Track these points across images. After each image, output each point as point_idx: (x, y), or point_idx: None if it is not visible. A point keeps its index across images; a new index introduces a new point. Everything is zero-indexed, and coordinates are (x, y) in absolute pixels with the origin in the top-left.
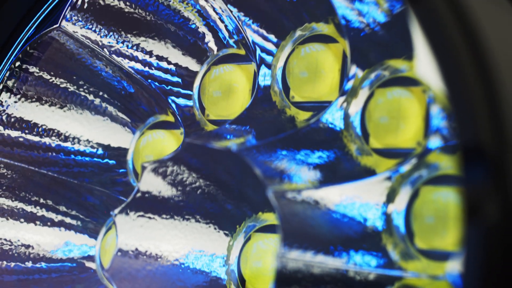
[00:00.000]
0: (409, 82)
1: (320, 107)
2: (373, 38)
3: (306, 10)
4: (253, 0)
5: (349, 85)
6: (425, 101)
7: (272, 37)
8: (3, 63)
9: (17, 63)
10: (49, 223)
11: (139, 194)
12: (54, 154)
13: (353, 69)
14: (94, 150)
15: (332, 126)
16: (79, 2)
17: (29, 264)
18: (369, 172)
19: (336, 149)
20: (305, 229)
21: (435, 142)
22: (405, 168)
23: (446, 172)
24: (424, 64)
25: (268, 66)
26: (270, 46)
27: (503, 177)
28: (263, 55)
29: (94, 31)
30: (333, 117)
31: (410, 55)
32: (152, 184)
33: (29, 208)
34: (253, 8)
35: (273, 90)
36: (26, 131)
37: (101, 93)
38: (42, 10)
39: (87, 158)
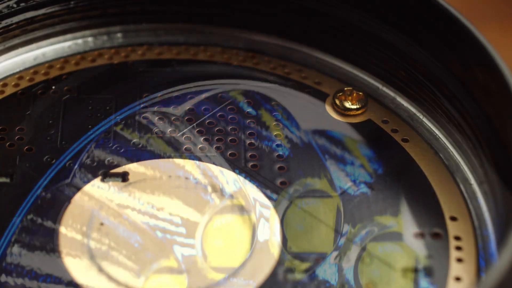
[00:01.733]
0: (397, 237)
1: (316, 258)
2: (362, 197)
3: (300, 167)
4: (252, 159)
5: (342, 240)
6: (415, 255)
7: (269, 192)
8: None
9: None
10: None
11: None
12: None
13: (346, 227)
14: None
15: (327, 279)
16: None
17: None
18: None
19: None
20: None
21: None
22: None
23: None
24: (407, 224)
25: (267, 219)
26: (267, 202)
27: None
28: (262, 209)
29: (102, 187)
30: (328, 271)
31: (396, 211)
32: None
33: None
34: (252, 166)
35: (271, 241)
36: None
37: (107, 242)
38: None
39: None
